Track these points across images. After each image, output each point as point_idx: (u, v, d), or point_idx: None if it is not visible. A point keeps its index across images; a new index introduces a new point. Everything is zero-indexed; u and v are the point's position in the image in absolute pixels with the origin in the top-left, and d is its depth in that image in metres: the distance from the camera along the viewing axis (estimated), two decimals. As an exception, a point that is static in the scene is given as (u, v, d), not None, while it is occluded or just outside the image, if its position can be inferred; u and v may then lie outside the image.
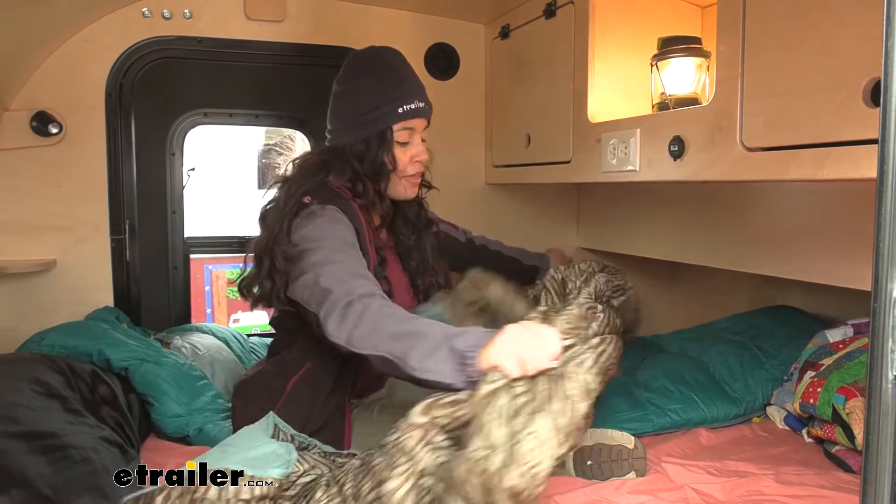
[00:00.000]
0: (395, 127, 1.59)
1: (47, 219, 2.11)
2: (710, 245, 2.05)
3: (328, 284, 1.34)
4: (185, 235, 2.31)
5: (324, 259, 1.39)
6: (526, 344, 1.15)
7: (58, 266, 2.13)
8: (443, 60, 2.47)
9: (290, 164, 1.67)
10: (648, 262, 2.49)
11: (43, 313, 2.01)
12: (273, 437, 1.27)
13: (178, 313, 2.32)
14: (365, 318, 1.27)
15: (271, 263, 1.48)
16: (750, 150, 1.33)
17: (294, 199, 1.53)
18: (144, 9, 2.15)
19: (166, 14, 2.17)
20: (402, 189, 1.65)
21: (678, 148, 1.50)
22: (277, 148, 5.49)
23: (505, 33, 2.33)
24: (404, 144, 1.61)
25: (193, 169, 2.35)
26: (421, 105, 1.62)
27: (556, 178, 2.07)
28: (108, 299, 2.18)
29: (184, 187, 2.31)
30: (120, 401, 1.65)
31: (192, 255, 2.36)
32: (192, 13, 2.19)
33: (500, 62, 2.42)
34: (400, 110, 1.58)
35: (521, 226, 2.58)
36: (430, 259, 1.76)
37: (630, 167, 1.67)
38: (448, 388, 1.17)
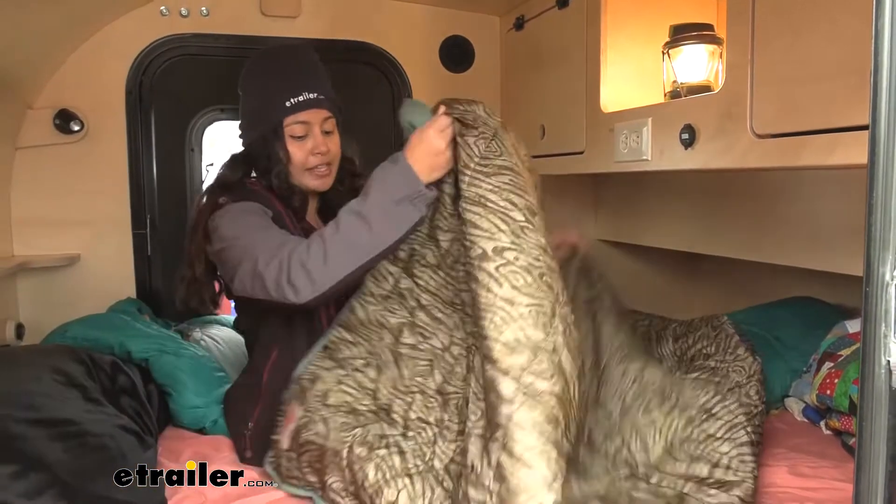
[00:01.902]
0: (287, 121, 1.55)
1: (71, 214, 2.17)
2: (730, 236, 2.02)
3: (265, 258, 1.35)
4: (205, 230, 2.35)
5: (249, 245, 1.40)
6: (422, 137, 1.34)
7: (81, 260, 2.19)
8: (458, 53, 2.47)
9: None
10: (667, 253, 2.46)
11: (67, 306, 2.06)
12: None
13: (198, 306, 2.36)
14: (311, 256, 1.30)
15: (193, 268, 1.59)
16: (760, 137, 1.31)
17: (210, 201, 1.58)
18: (162, 7, 2.19)
19: (183, 12, 2.21)
20: (308, 182, 1.61)
21: (689, 136, 1.48)
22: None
23: (519, 25, 2.32)
24: (301, 138, 1.57)
25: (212, 164, 2.38)
26: (312, 96, 1.55)
27: (570, 168, 2.06)
28: (130, 292, 2.23)
29: (202, 182, 2.34)
30: (139, 391, 1.67)
31: (211, 249, 2.40)
32: (208, 10, 2.23)
33: (514, 54, 2.41)
34: (287, 104, 1.54)
35: (537, 218, 2.56)
36: None
37: (642, 157, 1.65)
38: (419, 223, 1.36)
